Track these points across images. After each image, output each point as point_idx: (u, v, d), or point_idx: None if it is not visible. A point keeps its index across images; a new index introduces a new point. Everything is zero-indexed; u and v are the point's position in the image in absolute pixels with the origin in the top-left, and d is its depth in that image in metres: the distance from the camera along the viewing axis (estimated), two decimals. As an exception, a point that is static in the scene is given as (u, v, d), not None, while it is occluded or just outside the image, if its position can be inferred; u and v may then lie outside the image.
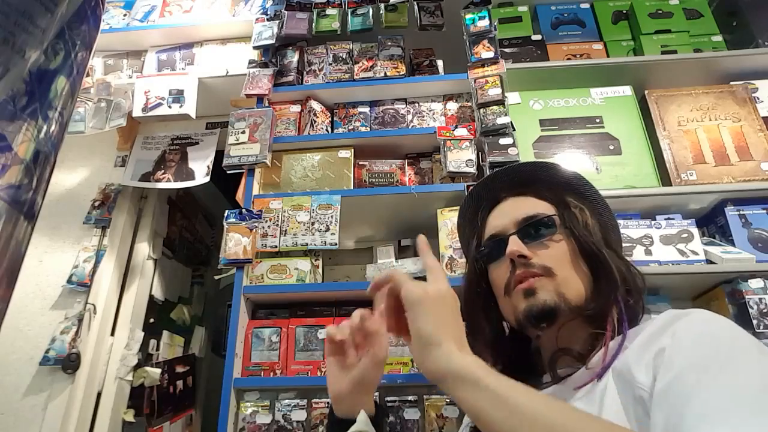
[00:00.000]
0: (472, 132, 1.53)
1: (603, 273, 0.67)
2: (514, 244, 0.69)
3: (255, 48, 1.82)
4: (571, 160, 1.48)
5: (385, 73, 1.72)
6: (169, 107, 1.83)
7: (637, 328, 0.61)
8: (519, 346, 0.76)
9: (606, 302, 0.64)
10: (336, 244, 1.45)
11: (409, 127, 1.69)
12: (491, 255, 0.75)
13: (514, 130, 1.47)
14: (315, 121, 1.69)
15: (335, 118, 1.75)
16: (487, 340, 0.75)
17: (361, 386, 0.66)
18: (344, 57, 1.79)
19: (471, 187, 0.87)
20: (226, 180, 1.74)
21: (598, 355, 0.60)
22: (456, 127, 1.56)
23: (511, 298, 0.69)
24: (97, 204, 1.92)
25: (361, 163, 1.66)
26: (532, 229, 0.71)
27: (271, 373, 1.34)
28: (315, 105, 1.73)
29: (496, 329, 0.76)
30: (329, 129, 1.73)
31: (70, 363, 1.64)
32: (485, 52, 1.60)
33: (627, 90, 1.57)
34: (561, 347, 0.65)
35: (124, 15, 2.07)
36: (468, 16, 1.67)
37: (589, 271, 0.68)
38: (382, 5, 1.79)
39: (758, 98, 1.53)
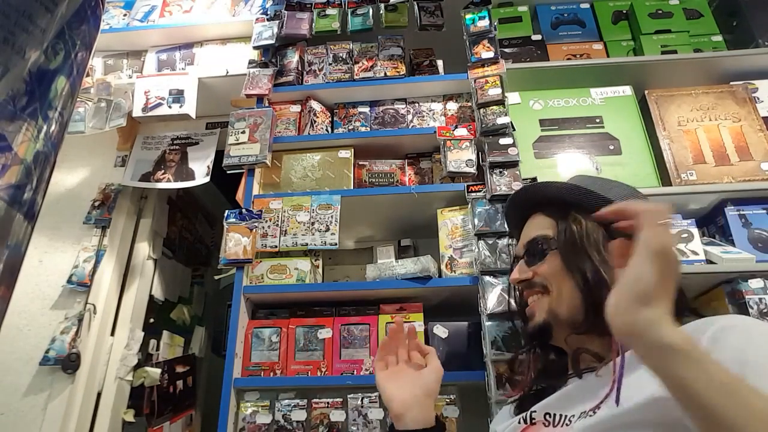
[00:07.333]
0: (472, 132, 1.53)
1: (589, 286, 0.67)
2: (515, 272, 0.79)
3: (255, 48, 1.82)
4: (571, 160, 1.48)
5: (385, 73, 1.72)
6: (169, 107, 1.83)
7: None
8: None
9: (597, 316, 0.63)
10: (336, 244, 1.45)
11: (409, 127, 1.69)
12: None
13: (514, 130, 1.47)
14: (315, 121, 1.69)
15: (335, 118, 1.75)
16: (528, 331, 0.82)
17: (429, 391, 0.75)
18: (344, 57, 1.79)
19: (506, 203, 0.93)
20: (226, 180, 1.74)
21: (608, 366, 0.62)
22: (456, 127, 1.56)
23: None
24: (97, 204, 1.92)
25: (361, 163, 1.66)
26: (532, 252, 0.78)
27: (271, 373, 1.34)
28: (315, 105, 1.73)
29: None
30: (329, 129, 1.73)
31: (70, 363, 1.63)
32: (485, 52, 1.60)
33: (627, 90, 1.57)
34: (579, 347, 0.70)
35: (124, 15, 2.07)
36: (468, 16, 1.67)
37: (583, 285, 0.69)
38: (382, 5, 1.79)
39: (758, 98, 1.53)
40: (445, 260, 1.42)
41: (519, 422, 0.70)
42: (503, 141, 1.43)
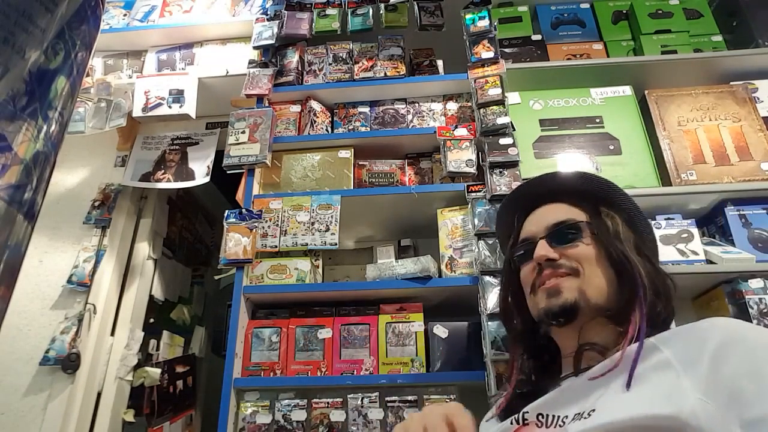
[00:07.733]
0: (472, 132, 1.53)
1: (627, 276, 0.70)
2: (542, 249, 0.75)
3: (255, 48, 1.82)
4: (571, 160, 1.48)
5: (385, 73, 1.72)
6: (169, 107, 1.83)
7: (674, 332, 0.62)
8: (545, 343, 0.80)
9: (628, 304, 0.68)
10: (336, 244, 1.45)
11: (409, 127, 1.69)
12: (523, 256, 0.81)
13: (514, 130, 1.47)
14: (315, 121, 1.69)
15: (335, 118, 1.75)
16: (518, 331, 0.82)
17: None
18: (344, 57, 1.79)
19: (511, 192, 0.92)
20: (226, 180, 1.74)
21: (618, 353, 0.62)
22: (456, 127, 1.56)
23: (535, 296, 0.76)
24: (97, 204, 1.92)
25: (361, 163, 1.66)
26: (560, 234, 0.76)
27: (271, 373, 1.34)
28: (315, 105, 1.73)
29: (526, 322, 0.81)
30: (329, 129, 1.73)
31: (70, 363, 1.63)
32: (485, 52, 1.60)
33: (627, 90, 1.57)
34: (586, 342, 0.69)
35: (124, 15, 2.07)
36: (468, 16, 1.67)
37: (614, 275, 0.72)
38: (382, 5, 1.80)
39: (758, 98, 1.53)
40: (445, 260, 1.42)
41: (511, 423, 0.70)
42: (503, 141, 1.43)
